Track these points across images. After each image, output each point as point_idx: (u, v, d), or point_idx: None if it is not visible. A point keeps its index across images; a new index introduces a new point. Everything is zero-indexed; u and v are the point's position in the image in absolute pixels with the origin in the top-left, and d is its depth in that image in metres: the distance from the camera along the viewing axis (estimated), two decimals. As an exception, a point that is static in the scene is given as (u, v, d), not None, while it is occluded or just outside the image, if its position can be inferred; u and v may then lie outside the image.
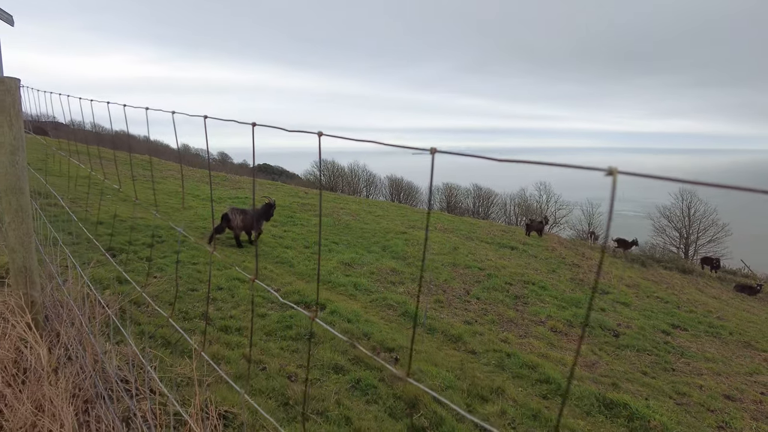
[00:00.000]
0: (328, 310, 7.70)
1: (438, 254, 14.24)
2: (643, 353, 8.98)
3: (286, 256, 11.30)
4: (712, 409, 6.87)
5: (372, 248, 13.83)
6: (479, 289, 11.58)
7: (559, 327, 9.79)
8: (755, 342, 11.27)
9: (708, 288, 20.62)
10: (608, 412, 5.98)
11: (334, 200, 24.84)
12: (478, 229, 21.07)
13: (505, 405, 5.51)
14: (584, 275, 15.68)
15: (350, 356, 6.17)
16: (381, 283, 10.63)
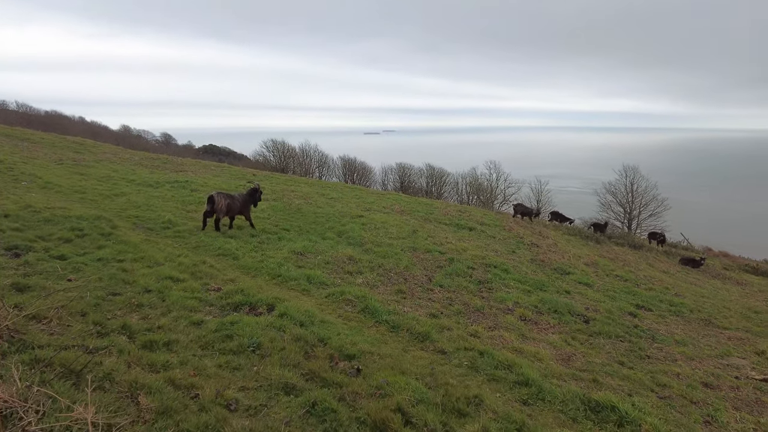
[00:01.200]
0: (278, 312, 6.69)
1: (397, 239, 13.43)
2: (616, 340, 8.55)
3: (230, 248, 10.14)
4: (695, 401, 6.47)
5: (326, 234, 12.83)
6: (442, 276, 10.88)
7: (528, 315, 9.23)
8: (714, 319, 11.23)
9: (657, 262, 21.02)
10: (595, 417, 5.38)
11: (284, 182, 23.55)
12: (436, 210, 20.45)
13: (486, 420, 4.76)
14: (544, 255, 15.36)
15: (304, 370, 5.24)
16: (338, 274, 9.70)
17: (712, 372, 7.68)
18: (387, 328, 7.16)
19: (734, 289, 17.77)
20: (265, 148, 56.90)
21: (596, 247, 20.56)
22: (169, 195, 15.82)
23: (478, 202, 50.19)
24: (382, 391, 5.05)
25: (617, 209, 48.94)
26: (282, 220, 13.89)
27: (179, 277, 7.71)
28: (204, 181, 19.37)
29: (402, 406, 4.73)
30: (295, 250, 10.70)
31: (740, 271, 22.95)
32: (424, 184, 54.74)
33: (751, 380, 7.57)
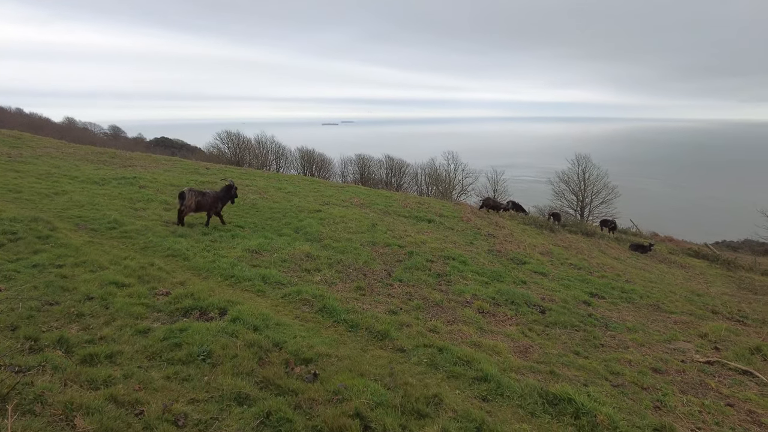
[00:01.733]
0: (230, 316, 6.42)
1: (356, 233, 13.28)
2: (571, 330, 8.75)
3: (180, 248, 9.72)
4: (646, 387, 6.68)
5: (283, 231, 12.53)
6: (401, 270, 10.82)
7: (486, 307, 9.30)
8: (662, 304, 11.68)
9: (609, 249, 21.76)
10: (553, 410, 5.45)
11: (239, 176, 22.88)
12: (395, 203, 20.39)
13: (445, 420, 4.72)
14: (501, 246, 15.59)
15: (258, 378, 5.04)
16: (294, 273, 9.46)
17: (660, 357, 7.96)
18: (345, 328, 7.02)
19: (679, 272, 18.65)
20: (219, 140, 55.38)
21: (551, 236, 21.07)
22: (115, 192, 15.04)
23: (437, 193, 50.67)
24: (340, 396, 4.92)
25: (570, 197, 50.55)
26: (236, 217, 13.46)
27: (125, 281, 7.30)
28: (154, 176, 18.54)
29: (360, 411, 4.62)
30: (250, 248, 10.38)
31: (684, 255, 24.14)
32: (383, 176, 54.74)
33: (695, 363, 7.91)
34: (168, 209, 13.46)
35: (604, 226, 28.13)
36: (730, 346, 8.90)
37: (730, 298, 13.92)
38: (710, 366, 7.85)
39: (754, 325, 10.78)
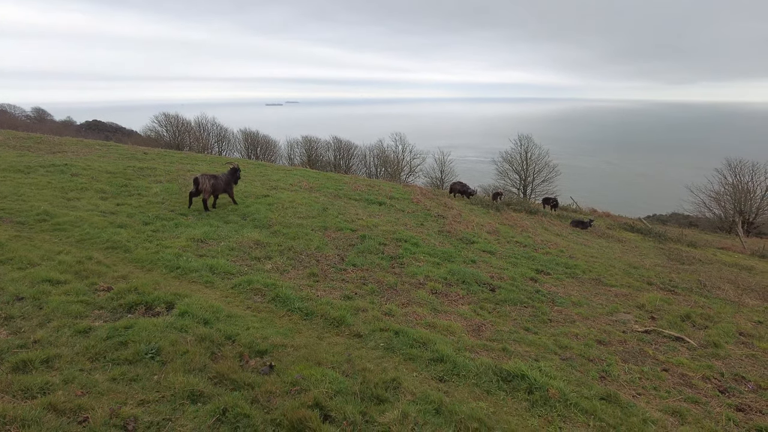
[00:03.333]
0: (178, 310, 6.15)
1: (307, 218, 13.05)
2: (521, 306, 9.05)
3: (120, 239, 9.18)
4: (592, 359, 7.03)
5: (229, 218, 12.11)
6: (354, 254, 10.76)
7: (439, 288, 9.45)
8: (603, 278, 12.30)
9: (552, 226, 22.65)
10: (507, 386, 5.62)
11: (180, 161, 21.88)
12: (345, 186, 20.21)
13: (405, 404, 4.75)
14: (450, 226, 15.84)
15: (211, 374, 4.86)
16: (244, 261, 9.18)
17: (604, 329, 8.40)
18: (300, 316, 6.90)
19: (616, 246, 19.70)
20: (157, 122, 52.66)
21: (497, 215, 21.63)
22: (44, 181, 13.94)
23: (386, 174, 50.79)
24: (298, 386, 4.84)
25: (514, 176, 52.04)
26: (178, 204, 12.86)
27: (60, 278, 6.82)
28: (87, 163, 17.35)
29: (319, 401, 4.57)
30: (195, 237, 9.97)
31: (620, 229, 25.52)
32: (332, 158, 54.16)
33: (635, 333, 8.41)
34: (105, 198, 12.67)
35: (547, 204, 29.21)
36: (664, 315, 9.53)
37: (662, 269, 14.87)
38: (647, 335, 8.37)
39: (684, 294, 11.59)
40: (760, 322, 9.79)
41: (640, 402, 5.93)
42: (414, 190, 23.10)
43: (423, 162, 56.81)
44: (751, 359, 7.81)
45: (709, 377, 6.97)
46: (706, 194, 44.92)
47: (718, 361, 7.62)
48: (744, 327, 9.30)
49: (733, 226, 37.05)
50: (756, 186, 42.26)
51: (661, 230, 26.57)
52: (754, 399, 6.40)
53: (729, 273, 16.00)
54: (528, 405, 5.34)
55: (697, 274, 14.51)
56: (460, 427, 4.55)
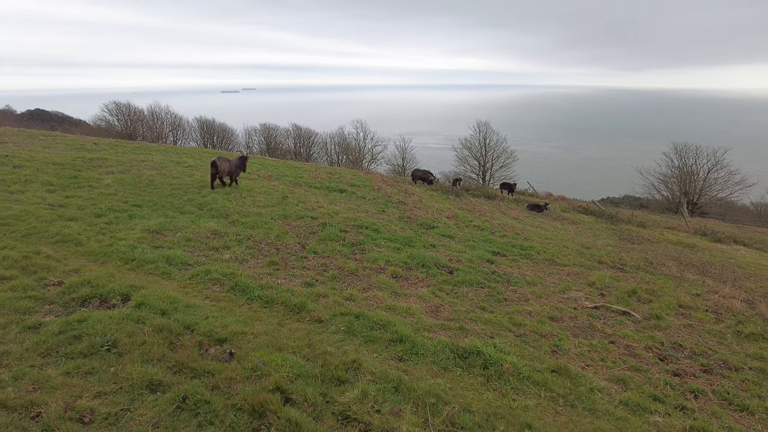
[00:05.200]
0: (134, 302, 6.05)
1: (266, 207, 12.94)
2: (477, 287, 9.35)
3: (70, 232, 8.88)
4: (544, 335, 7.38)
5: (186, 208, 11.88)
6: (315, 242, 10.79)
7: (399, 272, 9.62)
8: (557, 258, 12.81)
9: (509, 210, 23.24)
10: (464, 363, 5.85)
11: (132, 151, 21.13)
12: (305, 174, 20.10)
13: (365, 384, 4.88)
14: (411, 212, 16.05)
15: (170, 363, 4.85)
16: (202, 252, 9.07)
17: (556, 306, 8.80)
18: (260, 305, 6.91)
19: (570, 228, 20.45)
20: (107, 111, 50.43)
21: (456, 201, 22.02)
22: (-18, 174, 13.23)
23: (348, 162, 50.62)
24: (259, 372, 4.89)
25: (473, 163, 52.83)
26: (132, 195, 12.49)
27: (5, 274, 6.57)
28: (31, 154, 16.51)
29: (280, 385, 4.64)
30: (150, 228, 9.75)
31: (574, 212, 26.44)
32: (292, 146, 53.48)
33: (585, 309, 8.85)
34: (52, 190, 12.15)
35: (504, 189, 29.89)
36: (612, 292, 10.04)
37: (613, 249, 15.58)
38: (597, 310, 8.83)
39: (631, 271, 12.22)
40: (698, 294, 10.47)
41: (589, 372, 6.30)
42: (375, 178, 23.20)
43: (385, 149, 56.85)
44: (688, 329, 8.38)
45: (651, 347, 7.45)
46: (655, 177, 47.11)
47: (660, 331, 8.13)
48: (683, 300, 9.92)
49: (679, 206, 39.03)
50: (699, 168, 44.61)
51: (613, 212, 27.71)
52: (688, 364, 6.91)
53: (673, 251, 16.91)
54: (483, 380, 5.58)
55: (644, 253, 15.29)
56: (418, 403, 4.72)
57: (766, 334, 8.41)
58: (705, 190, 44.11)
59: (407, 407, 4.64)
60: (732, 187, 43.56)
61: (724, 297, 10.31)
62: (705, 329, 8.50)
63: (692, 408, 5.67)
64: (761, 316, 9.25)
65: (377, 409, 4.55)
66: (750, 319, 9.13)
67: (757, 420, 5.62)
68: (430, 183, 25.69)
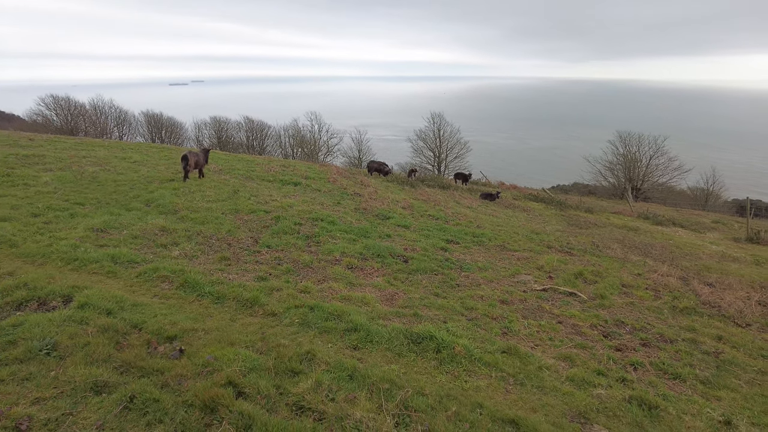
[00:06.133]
0: (77, 302, 5.80)
1: (216, 201, 12.64)
2: (431, 274, 9.52)
3: (3, 234, 8.37)
4: (495, 317, 7.61)
5: (132, 205, 11.44)
6: (269, 236, 10.65)
7: (354, 263, 9.66)
8: (507, 244, 13.19)
9: (463, 199, 23.69)
10: (417, 348, 5.96)
11: (74, 147, 20.09)
12: (257, 167, 19.73)
13: (319, 374, 4.90)
14: (366, 204, 16.10)
15: (116, 363, 4.69)
16: (149, 249, 8.77)
17: (506, 290, 9.08)
18: (211, 301, 6.78)
19: (521, 215, 21.08)
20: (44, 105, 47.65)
21: (411, 191, 22.23)
22: None
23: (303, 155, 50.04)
24: (210, 367, 4.81)
25: (428, 154, 53.41)
26: (73, 193, 11.90)
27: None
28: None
29: (232, 379, 4.59)
30: (94, 226, 9.34)
31: (525, 199, 27.25)
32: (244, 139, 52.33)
33: (534, 292, 9.18)
34: (-17, 190, 11.40)
35: (458, 179, 30.42)
36: (560, 274, 10.45)
37: (561, 234, 16.19)
38: (545, 292, 9.18)
39: (578, 255, 12.75)
40: (639, 274, 11.06)
41: (537, 352, 6.55)
42: (331, 170, 23.07)
43: (340, 141, 56.56)
44: (630, 306, 8.86)
45: (596, 325, 7.82)
46: (602, 164, 49.25)
47: (604, 310, 8.55)
48: (626, 279, 10.46)
49: (625, 192, 40.90)
50: (642, 155, 46.95)
51: (563, 199, 28.76)
52: (629, 339, 7.32)
53: (618, 234, 17.75)
54: (436, 363, 5.71)
55: (591, 237, 15.98)
56: (372, 389, 4.78)
57: (697, 308, 9.01)
58: (647, 176, 46.49)
59: (362, 394, 4.69)
60: (671, 173, 46.17)
61: (662, 275, 10.94)
62: (645, 306, 9.00)
63: (632, 379, 6.01)
64: (694, 292, 9.89)
65: (332, 398, 4.58)
66: (684, 294, 9.74)
67: (687, 386, 6.04)
68: (386, 174, 25.80)
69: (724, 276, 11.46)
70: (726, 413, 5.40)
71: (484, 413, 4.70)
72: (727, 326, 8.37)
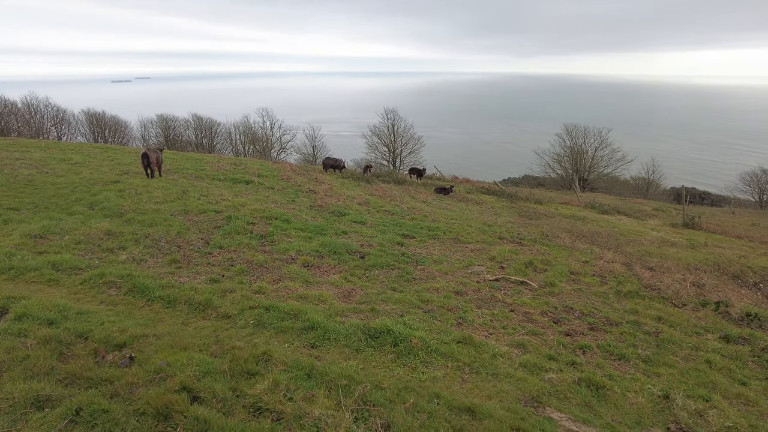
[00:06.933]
0: (14, 314, 5.47)
1: (164, 203, 12.22)
2: (388, 269, 9.60)
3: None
4: (450, 308, 7.78)
5: (74, 208, 10.90)
6: (220, 236, 10.41)
7: (311, 261, 9.60)
8: (461, 237, 13.46)
9: (418, 194, 23.96)
10: (375, 343, 6.01)
11: (5, 148, 18.93)
12: (207, 166, 19.21)
13: (276, 374, 4.86)
14: (322, 200, 16.00)
15: (60, 375, 4.48)
16: (94, 254, 8.39)
17: (461, 281, 9.29)
18: (162, 305, 6.58)
19: (474, 208, 21.54)
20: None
21: (367, 187, 22.27)
22: None
23: (255, 152, 49.09)
24: (163, 373, 4.67)
25: (383, 149, 53.56)
26: (6, 198, 11.20)
27: None
28: None
29: (187, 384, 4.48)
30: (31, 232, 8.84)
31: (478, 193, 27.84)
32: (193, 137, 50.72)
33: (487, 282, 9.43)
34: None
35: (413, 174, 30.68)
36: (511, 264, 10.77)
37: (512, 225, 16.67)
38: (498, 282, 9.45)
39: (529, 245, 13.17)
40: (586, 261, 11.56)
41: (491, 340, 6.75)
42: (284, 167, 22.76)
43: (293, 138, 55.81)
44: (578, 292, 9.26)
45: (547, 312, 8.13)
46: (551, 157, 51.02)
47: (554, 297, 8.90)
48: (574, 267, 10.92)
49: (572, 183, 42.51)
50: (588, 147, 48.97)
51: (513, 191, 29.57)
52: (578, 324, 7.66)
53: (567, 223, 18.44)
54: (394, 357, 5.79)
55: (541, 227, 16.52)
56: (331, 386, 4.79)
57: (640, 291, 9.53)
58: (593, 167, 48.56)
59: (320, 392, 4.69)
60: (615, 164, 48.46)
61: (608, 262, 11.49)
62: (592, 291, 9.44)
63: (581, 362, 6.31)
64: (636, 276, 10.45)
65: (289, 397, 4.55)
66: (628, 279, 10.27)
67: (631, 365, 6.41)
68: (341, 170, 25.74)
69: (663, 260, 12.16)
70: (664, 388, 5.77)
71: (442, 403, 4.81)
72: (666, 307, 8.91)
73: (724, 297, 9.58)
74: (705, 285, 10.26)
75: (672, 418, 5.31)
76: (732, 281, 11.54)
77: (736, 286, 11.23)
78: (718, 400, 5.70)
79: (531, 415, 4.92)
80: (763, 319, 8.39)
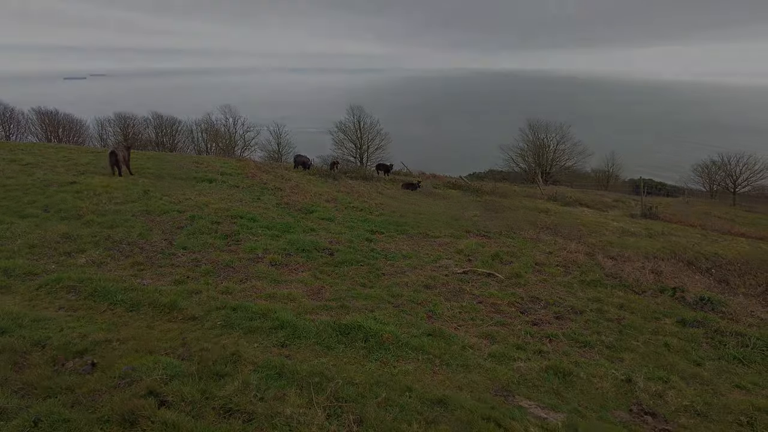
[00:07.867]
0: (-39, 325, 5.21)
1: (125, 203, 11.83)
2: (357, 266, 9.58)
3: None
4: (420, 302, 7.84)
5: (27, 211, 10.41)
6: (184, 236, 10.16)
7: (278, 259, 9.49)
8: (429, 231, 13.57)
9: (385, 190, 23.99)
10: (346, 339, 6.01)
11: (-51, 150, 17.85)
12: (168, 165, 18.68)
13: (246, 375, 4.78)
14: (288, 198, 15.82)
15: (16, 386, 4.28)
16: (50, 258, 8.05)
17: (430, 275, 9.37)
18: (125, 309, 6.38)
19: (441, 203, 21.74)
20: None
21: (334, 184, 22.14)
22: None
23: (219, 150, 48.10)
24: (128, 378, 4.54)
25: (349, 146, 53.43)
26: (-48, 202, 10.62)
27: None
28: None
29: (153, 388, 4.36)
30: (-20, 238, 8.41)
31: (445, 187, 28.11)
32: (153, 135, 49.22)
33: (455, 275, 9.55)
34: None
35: (381, 170, 30.71)
36: (478, 257, 10.95)
37: (478, 219, 16.92)
38: (465, 275, 9.58)
39: (495, 237, 13.41)
40: (551, 252, 11.85)
41: (461, 332, 6.85)
42: (249, 165, 22.38)
43: (258, 135, 54.92)
44: (543, 283, 9.49)
45: (514, 302, 8.30)
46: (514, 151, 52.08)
47: (520, 288, 9.09)
48: (539, 258, 11.17)
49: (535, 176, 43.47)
50: (549, 141, 50.21)
51: (479, 186, 29.98)
52: (544, 314, 7.86)
53: (531, 216, 18.87)
54: (365, 352, 5.80)
55: (506, 220, 16.86)
56: (302, 384, 4.75)
57: (602, 280, 9.85)
58: (555, 160, 49.85)
59: (291, 390, 4.65)
60: (576, 157, 49.89)
61: (571, 252, 11.81)
62: (557, 281, 9.68)
63: (548, 351, 6.47)
64: (599, 265, 10.79)
65: (260, 397, 4.50)
66: (591, 269, 10.59)
67: (596, 352, 6.62)
68: (308, 167, 25.52)
69: (624, 249, 12.61)
70: (627, 372, 5.98)
71: (413, 396, 4.84)
72: (627, 294, 9.23)
73: (680, 283, 10.00)
74: (663, 272, 10.68)
75: (635, 401, 5.51)
76: (687, 267, 12.06)
77: (691, 272, 11.75)
78: (676, 381, 5.95)
79: (501, 404, 5.01)
80: (715, 303, 8.80)
